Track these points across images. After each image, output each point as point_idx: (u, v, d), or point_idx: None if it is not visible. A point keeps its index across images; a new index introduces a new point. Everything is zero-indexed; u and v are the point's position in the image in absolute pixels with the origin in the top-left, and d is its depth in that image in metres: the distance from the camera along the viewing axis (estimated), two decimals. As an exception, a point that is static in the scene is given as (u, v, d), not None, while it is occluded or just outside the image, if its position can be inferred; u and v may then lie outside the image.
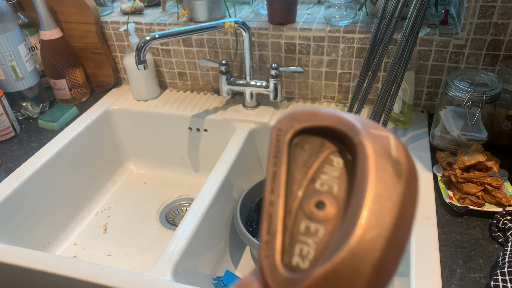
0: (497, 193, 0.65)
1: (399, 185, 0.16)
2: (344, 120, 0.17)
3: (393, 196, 0.15)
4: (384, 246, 0.15)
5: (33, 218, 0.83)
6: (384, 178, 0.16)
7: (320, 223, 0.17)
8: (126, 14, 1.02)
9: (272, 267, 0.16)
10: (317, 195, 0.17)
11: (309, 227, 0.17)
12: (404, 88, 0.81)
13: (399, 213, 0.15)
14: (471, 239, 0.62)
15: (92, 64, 1.05)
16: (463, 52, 0.81)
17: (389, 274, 0.15)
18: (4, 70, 0.92)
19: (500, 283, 0.52)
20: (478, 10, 0.76)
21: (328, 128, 0.18)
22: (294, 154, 0.18)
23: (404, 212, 0.15)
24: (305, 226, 0.17)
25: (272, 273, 0.16)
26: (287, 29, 0.88)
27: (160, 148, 1.05)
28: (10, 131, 0.92)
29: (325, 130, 0.18)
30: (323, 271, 0.15)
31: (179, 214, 0.97)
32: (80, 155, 0.94)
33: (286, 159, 0.18)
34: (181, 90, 1.07)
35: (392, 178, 0.16)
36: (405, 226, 0.15)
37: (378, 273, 0.15)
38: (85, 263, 0.63)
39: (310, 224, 0.17)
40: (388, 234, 0.15)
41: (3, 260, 0.64)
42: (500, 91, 0.71)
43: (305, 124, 0.18)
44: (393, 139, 0.17)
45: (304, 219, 0.17)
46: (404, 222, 0.15)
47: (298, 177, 0.18)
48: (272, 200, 0.17)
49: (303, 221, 0.17)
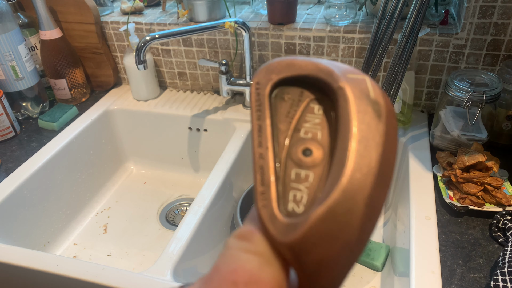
0: (497, 193, 0.65)
1: (380, 125, 0.16)
2: (321, 67, 0.18)
3: (376, 136, 0.16)
4: (373, 182, 0.16)
5: (33, 218, 0.83)
6: (366, 120, 0.16)
7: (309, 169, 0.18)
8: (126, 14, 1.02)
9: (271, 215, 0.17)
10: (303, 143, 0.18)
11: (299, 174, 0.18)
12: (404, 88, 0.81)
13: (383, 151, 0.16)
14: (471, 239, 0.62)
15: (92, 64, 1.05)
16: (463, 52, 0.81)
17: (379, 208, 0.16)
18: (4, 70, 0.92)
19: (500, 283, 0.52)
20: (478, 10, 0.76)
21: (306, 77, 0.18)
22: (275, 105, 0.19)
23: (388, 149, 0.16)
24: (295, 173, 0.18)
25: (271, 220, 0.17)
26: (287, 29, 0.88)
27: (160, 148, 1.05)
28: (10, 131, 0.92)
29: (303, 79, 0.19)
30: (320, 212, 0.16)
31: (179, 214, 0.97)
32: (80, 155, 0.94)
33: (268, 112, 0.19)
34: (181, 90, 1.07)
35: (373, 119, 0.16)
36: (389, 162, 0.16)
37: (370, 208, 0.16)
38: (85, 263, 0.63)
39: (300, 171, 0.18)
40: (375, 171, 0.16)
41: (3, 260, 0.64)
42: (500, 91, 0.71)
43: (282, 75, 0.19)
44: (369, 81, 0.18)
45: (294, 167, 0.18)
46: (388, 158, 0.16)
47: (282, 128, 0.19)
48: (261, 152, 0.18)
49: (293, 169, 0.18)
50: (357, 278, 0.76)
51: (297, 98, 0.19)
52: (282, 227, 0.17)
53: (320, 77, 0.18)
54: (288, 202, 0.18)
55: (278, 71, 0.19)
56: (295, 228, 0.16)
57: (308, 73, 0.18)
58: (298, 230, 0.16)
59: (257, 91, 0.19)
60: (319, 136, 0.18)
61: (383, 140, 0.16)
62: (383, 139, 0.16)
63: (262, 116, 0.18)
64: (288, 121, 0.19)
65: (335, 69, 0.18)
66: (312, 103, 0.19)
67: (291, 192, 0.18)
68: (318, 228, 0.16)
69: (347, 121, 0.16)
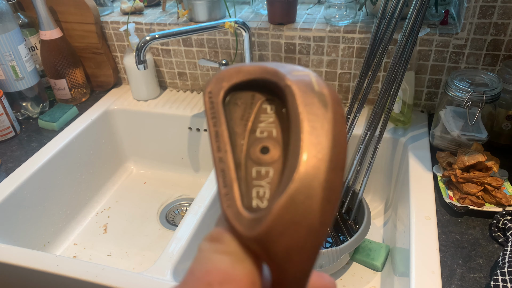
0: (497, 193, 0.65)
1: (327, 113, 0.17)
2: (268, 69, 0.19)
3: (324, 124, 0.17)
4: (328, 167, 0.17)
5: (33, 218, 0.83)
6: (313, 110, 0.18)
7: (268, 165, 0.19)
8: (126, 14, 1.02)
9: (236, 213, 0.18)
10: (260, 142, 0.19)
11: (259, 171, 0.19)
12: (404, 88, 0.81)
13: (333, 137, 0.17)
14: (471, 239, 0.62)
15: (92, 64, 1.05)
16: (463, 52, 0.81)
17: (337, 190, 0.17)
18: (4, 70, 0.92)
19: (500, 283, 0.52)
20: (478, 10, 0.76)
21: (255, 80, 0.20)
22: (229, 111, 0.20)
23: (337, 134, 0.17)
24: (256, 171, 0.19)
25: (237, 218, 0.18)
26: (287, 29, 0.88)
27: (160, 148, 1.05)
28: (10, 131, 0.92)
29: (252, 82, 0.20)
30: (281, 202, 0.16)
31: (179, 214, 0.97)
32: (80, 155, 0.94)
33: (223, 118, 0.20)
34: (181, 90, 1.07)
35: (319, 108, 0.18)
36: (341, 146, 0.17)
37: (328, 191, 0.17)
38: (85, 263, 0.63)
39: (260, 168, 0.19)
40: (328, 156, 0.17)
41: (3, 260, 0.64)
42: (500, 91, 0.71)
43: (232, 82, 0.20)
44: (313, 76, 0.19)
45: (254, 165, 0.19)
46: (340, 143, 0.17)
47: (239, 131, 0.20)
48: (221, 156, 0.19)
49: (253, 168, 0.19)
50: (357, 278, 0.76)
51: (250, 101, 0.20)
52: (248, 223, 0.17)
53: (268, 78, 0.19)
54: (252, 199, 0.18)
55: (228, 79, 0.20)
56: (260, 222, 0.17)
57: (256, 76, 0.19)
58: (263, 223, 0.17)
59: (210, 100, 0.20)
60: (274, 133, 0.19)
61: (331, 126, 0.17)
62: (331, 126, 0.17)
63: (217, 123, 0.19)
64: (243, 124, 0.20)
65: (280, 69, 0.19)
66: (264, 104, 0.20)
67: (254, 189, 0.18)
68: (281, 217, 0.16)
69: (296, 114, 0.18)
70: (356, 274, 0.77)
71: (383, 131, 0.75)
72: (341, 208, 0.80)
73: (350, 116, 0.81)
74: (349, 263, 0.78)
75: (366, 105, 0.93)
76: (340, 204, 0.80)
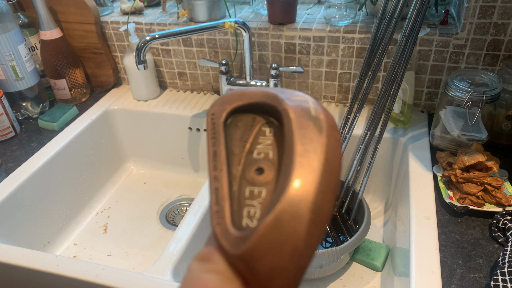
0: (497, 193, 0.65)
1: (321, 138, 0.18)
2: (268, 93, 0.20)
3: (317, 148, 0.17)
4: (317, 190, 0.17)
5: (33, 218, 0.83)
6: (307, 134, 0.18)
7: (261, 186, 0.19)
8: (126, 14, 1.02)
9: (224, 231, 0.18)
10: (256, 163, 0.19)
11: (252, 191, 0.19)
12: (404, 88, 0.81)
13: (325, 160, 0.17)
14: (471, 239, 0.62)
15: (92, 64, 1.05)
16: (463, 52, 0.81)
17: (325, 214, 0.17)
18: (4, 70, 0.92)
19: (500, 283, 0.52)
20: (478, 10, 0.76)
21: (255, 104, 0.20)
22: (230, 132, 0.21)
23: (330, 159, 0.17)
24: (249, 191, 0.19)
25: (225, 236, 0.18)
26: (287, 29, 0.88)
27: (160, 148, 1.05)
28: (10, 131, 0.92)
29: (253, 106, 0.20)
30: (267, 222, 0.17)
31: (179, 214, 0.97)
32: (80, 155, 0.94)
33: (223, 138, 0.20)
34: (181, 90, 1.07)
35: (314, 132, 0.18)
36: (332, 170, 0.17)
37: (315, 215, 0.17)
38: (85, 263, 0.63)
39: (254, 189, 0.19)
40: (318, 179, 0.17)
41: (3, 260, 0.64)
42: (500, 91, 0.71)
43: (235, 104, 0.20)
44: (311, 102, 0.19)
45: (248, 185, 0.19)
46: (331, 167, 0.17)
47: (236, 152, 0.20)
48: (216, 175, 0.19)
49: (247, 188, 0.19)
50: (357, 278, 0.76)
51: (250, 123, 0.20)
52: (234, 241, 0.18)
53: (267, 102, 0.20)
54: (242, 218, 0.19)
55: (231, 102, 0.21)
56: (245, 240, 0.17)
57: (257, 100, 0.20)
58: (248, 241, 0.17)
59: (212, 121, 0.20)
60: (271, 155, 0.19)
61: (324, 150, 0.17)
62: (324, 149, 0.17)
63: (217, 143, 0.20)
64: (242, 145, 0.20)
65: (280, 94, 0.19)
66: (264, 126, 0.20)
67: (245, 208, 0.19)
68: (267, 236, 0.17)
69: (290, 137, 0.18)
70: (356, 274, 0.77)
71: (383, 131, 0.75)
72: (341, 208, 0.80)
73: (350, 116, 0.81)
74: (349, 263, 0.78)
75: (366, 105, 0.93)
76: (340, 204, 0.80)
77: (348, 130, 0.81)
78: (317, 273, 0.73)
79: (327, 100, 0.96)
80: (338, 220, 0.80)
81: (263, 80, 0.93)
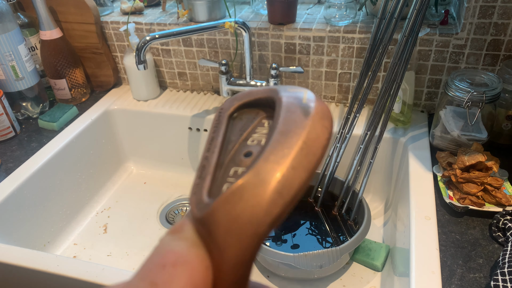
0: (497, 193, 0.65)
1: (305, 121, 0.18)
2: (272, 88, 0.21)
3: (298, 129, 0.18)
4: (287, 163, 0.17)
5: (33, 218, 0.83)
6: (292, 117, 0.18)
7: (245, 166, 0.19)
8: (126, 14, 1.02)
9: (198, 200, 0.19)
10: (247, 148, 0.20)
11: (237, 171, 0.19)
12: (404, 88, 0.81)
13: (304, 140, 0.17)
14: (471, 239, 0.62)
15: (92, 64, 1.05)
16: (463, 52, 0.81)
17: (293, 188, 0.17)
18: (4, 70, 0.92)
19: (500, 283, 0.52)
20: (478, 10, 0.76)
21: (260, 99, 0.21)
22: (232, 124, 0.22)
23: (310, 140, 0.18)
24: (234, 171, 0.20)
25: (197, 204, 0.18)
26: (287, 29, 0.88)
27: (160, 148, 1.05)
28: (10, 131, 0.92)
29: (259, 101, 0.21)
30: (232, 188, 0.17)
31: (179, 214, 0.97)
32: (80, 155, 0.94)
33: (225, 128, 0.21)
34: (181, 90, 1.07)
35: (299, 116, 0.18)
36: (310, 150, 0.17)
37: (281, 185, 0.17)
38: (85, 263, 0.63)
39: (238, 169, 0.19)
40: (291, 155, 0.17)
41: (3, 260, 0.64)
42: (500, 91, 0.71)
43: (243, 101, 0.22)
44: (308, 92, 0.20)
45: (234, 166, 0.20)
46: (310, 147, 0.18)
47: (233, 139, 0.21)
48: (207, 155, 0.20)
49: (232, 168, 0.20)
50: (357, 278, 0.76)
51: (253, 116, 0.21)
52: (203, 207, 0.18)
53: (268, 96, 0.21)
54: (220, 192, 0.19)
55: (240, 98, 0.22)
56: (210, 204, 0.18)
57: (261, 95, 0.21)
58: (211, 205, 0.17)
59: (219, 114, 0.22)
60: (263, 142, 0.20)
61: (306, 131, 0.18)
62: (306, 131, 0.18)
63: (217, 131, 0.21)
64: (239, 134, 0.21)
65: (280, 88, 0.20)
66: (264, 119, 0.21)
67: (226, 184, 0.19)
68: (227, 201, 0.17)
69: (276, 119, 0.19)
70: (356, 274, 0.77)
71: (383, 131, 0.75)
72: (341, 208, 0.80)
73: (350, 116, 0.81)
74: (349, 263, 0.78)
75: (366, 105, 0.93)
76: (340, 204, 0.80)
77: (348, 130, 0.81)
78: (317, 273, 0.73)
79: (327, 100, 0.96)
80: (338, 220, 0.80)
81: (263, 80, 0.93)
